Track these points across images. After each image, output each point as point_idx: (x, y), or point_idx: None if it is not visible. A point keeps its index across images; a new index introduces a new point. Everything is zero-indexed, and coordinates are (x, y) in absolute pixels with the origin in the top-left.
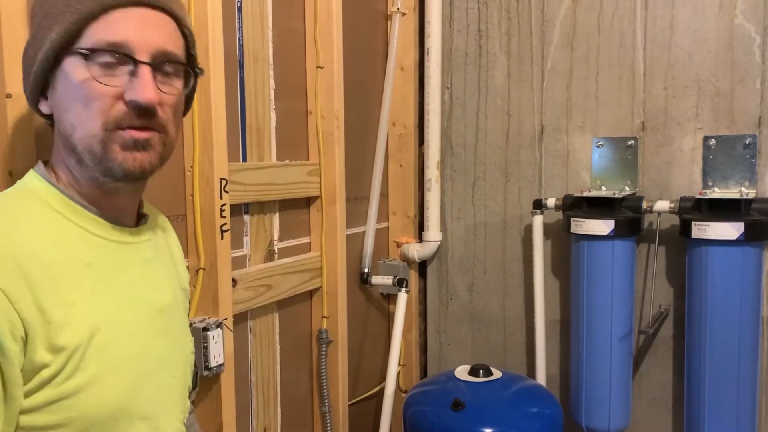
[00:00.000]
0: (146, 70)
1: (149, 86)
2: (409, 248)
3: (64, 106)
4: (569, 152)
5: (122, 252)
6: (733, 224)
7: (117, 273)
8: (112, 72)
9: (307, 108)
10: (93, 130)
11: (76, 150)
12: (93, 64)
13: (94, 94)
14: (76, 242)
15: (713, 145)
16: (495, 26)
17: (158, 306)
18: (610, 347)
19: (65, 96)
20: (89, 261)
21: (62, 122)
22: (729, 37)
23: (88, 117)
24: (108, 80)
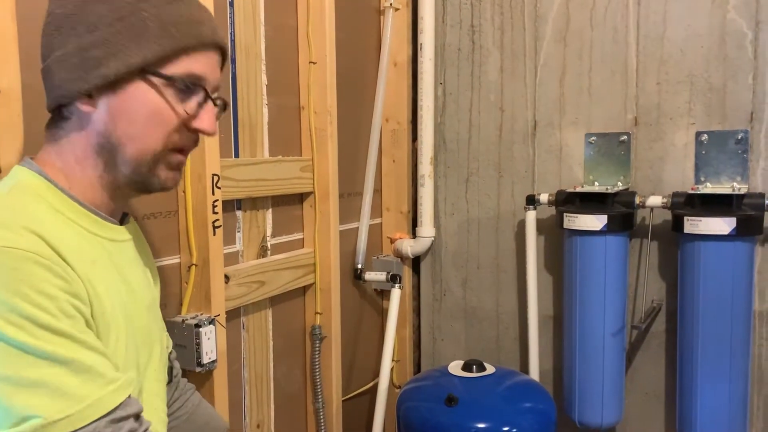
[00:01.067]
0: (212, 105)
1: (214, 120)
2: (402, 244)
3: (131, 117)
4: (562, 148)
5: (113, 250)
6: (725, 219)
7: (112, 271)
8: (185, 100)
9: (300, 103)
10: (153, 147)
11: (118, 157)
12: (172, 89)
13: (170, 118)
14: (79, 241)
15: (705, 141)
16: (488, 21)
17: (145, 302)
18: (602, 342)
19: (136, 109)
20: (93, 258)
21: (117, 129)
22: (721, 32)
23: (153, 135)
24: (183, 108)
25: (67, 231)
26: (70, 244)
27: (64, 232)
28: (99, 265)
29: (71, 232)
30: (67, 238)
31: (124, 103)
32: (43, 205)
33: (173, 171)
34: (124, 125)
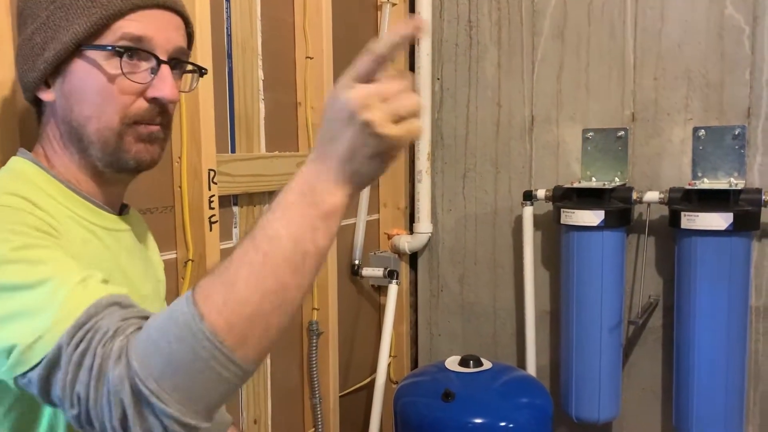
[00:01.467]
0: (167, 69)
1: (171, 85)
2: (399, 240)
3: (80, 97)
4: (559, 143)
5: (109, 238)
6: (722, 215)
7: (106, 258)
8: (134, 68)
9: (297, 99)
10: (111, 123)
11: (84, 140)
12: (116, 59)
13: (119, 90)
14: (71, 225)
15: (703, 136)
16: (485, 17)
17: (142, 293)
18: (599, 338)
19: (82, 88)
20: (84, 238)
21: (73, 112)
22: (719, 27)
23: (109, 110)
24: (133, 77)
25: (57, 217)
26: (60, 219)
27: (54, 209)
28: (91, 246)
29: (63, 218)
30: (57, 215)
31: (72, 84)
32: (35, 189)
33: (144, 143)
34: (78, 106)
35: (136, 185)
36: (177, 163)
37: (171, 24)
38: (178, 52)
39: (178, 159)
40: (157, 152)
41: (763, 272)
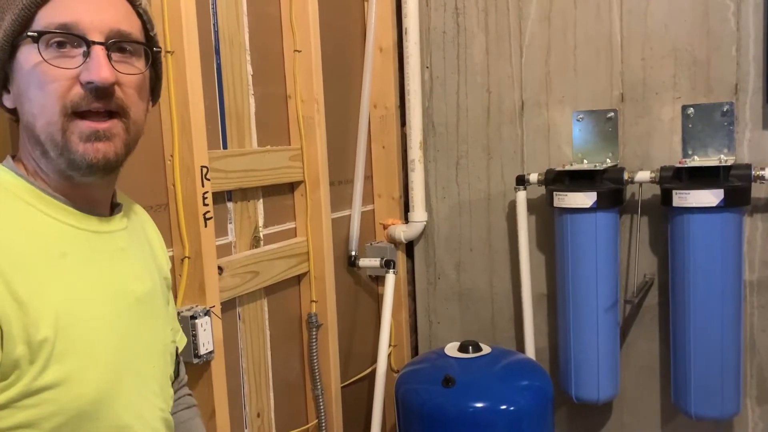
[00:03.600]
0: (99, 50)
1: (104, 66)
2: (395, 230)
3: (24, 95)
4: (550, 127)
5: (97, 241)
6: (712, 191)
7: (92, 263)
8: (65, 54)
9: (287, 92)
10: (52, 117)
11: (39, 141)
12: (45, 48)
13: (48, 78)
14: (49, 233)
15: (692, 114)
16: (472, 3)
17: (136, 295)
18: (596, 318)
19: (23, 85)
20: (64, 251)
21: (24, 113)
22: (704, 5)
23: (47, 103)
24: (61, 62)
25: (34, 225)
26: (26, 246)
27: (28, 227)
28: (71, 257)
29: (41, 226)
30: (22, 240)
31: (18, 84)
32: (10, 200)
33: (92, 142)
34: (27, 104)
35: (128, 184)
36: (169, 161)
37: (104, 3)
38: (117, 32)
39: (170, 157)
40: (113, 150)
41: (755, 247)
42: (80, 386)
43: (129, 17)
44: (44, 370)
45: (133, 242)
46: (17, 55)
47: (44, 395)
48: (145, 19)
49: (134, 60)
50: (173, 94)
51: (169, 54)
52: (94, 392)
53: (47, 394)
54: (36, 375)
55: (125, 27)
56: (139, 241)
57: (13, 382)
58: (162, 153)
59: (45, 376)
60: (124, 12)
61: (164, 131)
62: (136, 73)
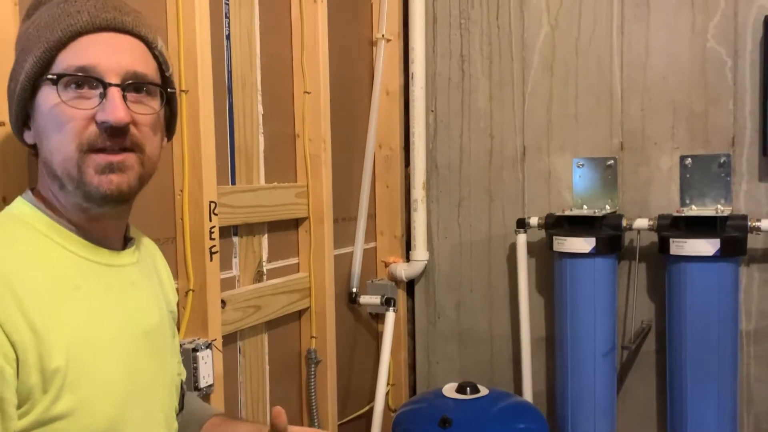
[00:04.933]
0: (115, 92)
1: (119, 107)
2: (396, 268)
3: (43, 133)
4: (551, 172)
5: (109, 274)
6: (709, 241)
7: (104, 295)
8: (82, 96)
9: (295, 131)
10: (68, 153)
11: (56, 176)
12: (63, 89)
13: (65, 118)
14: (65, 265)
15: (689, 164)
16: (477, 51)
17: (145, 328)
18: (593, 363)
19: (42, 124)
20: (78, 284)
21: (43, 150)
22: (702, 60)
23: (64, 141)
24: (78, 103)
25: (50, 257)
26: (43, 277)
27: (45, 259)
28: (85, 290)
29: (57, 257)
30: (39, 270)
31: (38, 122)
32: (28, 232)
33: (106, 174)
34: (45, 142)
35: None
36: (179, 196)
37: (122, 46)
38: (133, 74)
39: (180, 191)
40: (127, 182)
41: (752, 297)
42: (91, 416)
43: (145, 59)
44: (57, 400)
45: (144, 276)
46: (38, 95)
47: (56, 425)
48: (161, 60)
49: (149, 99)
50: (186, 131)
51: (184, 93)
52: (104, 422)
53: (59, 424)
54: (49, 405)
55: (141, 68)
56: (149, 274)
57: (26, 411)
58: (172, 187)
59: (57, 406)
60: (140, 54)
61: (175, 166)
62: (150, 113)
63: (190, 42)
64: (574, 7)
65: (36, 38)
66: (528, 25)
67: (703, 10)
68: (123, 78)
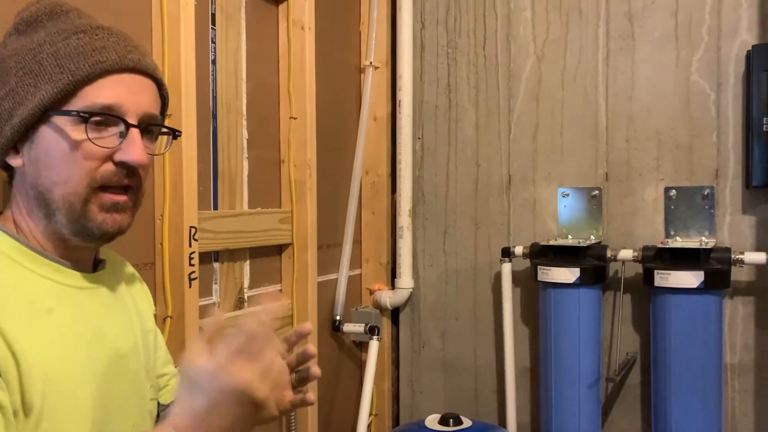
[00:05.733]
0: (136, 133)
1: (140, 148)
2: (381, 295)
3: (47, 163)
4: (536, 201)
5: (82, 297)
6: (693, 273)
7: (78, 318)
8: (102, 133)
9: (280, 157)
10: (77, 188)
11: (50, 206)
12: (86, 125)
13: (85, 155)
14: (36, 288)
15: (674, 196)
16: (464, 80)
17: (119, 352)
18: (578, 395)
19: (50, 153)
20: (50, 306)
21: (40, 178)
22: (686, 93)
23: (74, 174)
24: (100, 142)
25: (20, 282)
26: (15, 301)
27: (15, 283)
28: (57, 313)
29: (27, 282)
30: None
31: (39, 150)
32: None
33: (110, 213)
34: (46, 172)
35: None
36: (159, 221)
37: (142, 88)
38: (149, 116)
39: (160, 216)
40: (125, 221)
41: (736, 330)
42: None
43: (156, 100)
44: (37, 426)
45: (117, 298)
46: (49, 124)
47: None
48: (165, 102)
49: (155, 139)
50: (167, 155)
51: (167, 117)
52: None
53: None
54: (32, 430)
55: (154, 110)
56: (122, 296)
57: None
58: (152, 211)
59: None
60: (153, 95)
61: (156, 190)
62: (156, 154)
63: (174, 66)
64: (560, 39)
65: (55, 67)
66: (515, 55)
67: (686, 44)
68: (140, 119)
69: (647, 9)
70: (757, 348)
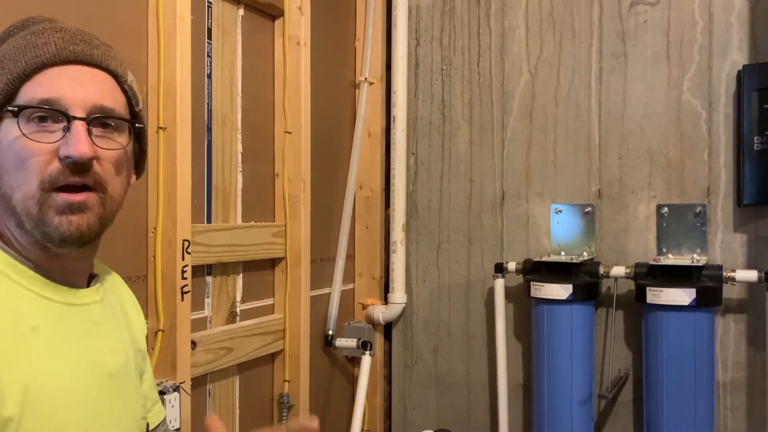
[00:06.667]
0: (79, 125)
1: (82, 141)
2: (374, 310)
3: (3, 168)
4: (529, 218)
5: (70, 314)
6: (685, 290)
7: (64, 336)
8: (45, 129)
9: (275, 171)
10: (30, 191)
11: (15, 212)
12: (25, 122)
13: (27, 152)
14: (21, 305)
15: (666, 213)
16: (458, 97)
17: (108, 370)
18: (570, 412)
19: (2, 158)
20: (35, 324)
21: (2, 185)
22: (678, 111)
23: (26, 177)
24: (41, 137)
25: (6, 298)
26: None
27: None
28: (43, 331)
29: (13, 297)
30: None
31: (0, 155)
32: None
33: (66, 215)
34: (6, 178)
35: (109, 253)
36: (152, 233)
37: (89, 79)
38: (100, 108)
39: (153, 229)
40: (87, 223)
41: (727, 347)
42: None
43: (113, 93)
44: None
45: (108, 314)
46: (1, 127)
47: None
48: (130, 95)
49: (116, 135)
50: (161, 169)
51: (162, 130)
52: None
53: None
54: None
55: (108, 103)
56: (114, 312)
57: None
58: (145, 224)
59: None
60: (108, 88)
61: (149, 204)
62: (116, 148)
63: (170, 79)
64: (554, 57)
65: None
66: (508, 73)
67: (678, 64)
68: (89, 112)
69: (639, 28)
70: (748, 365)
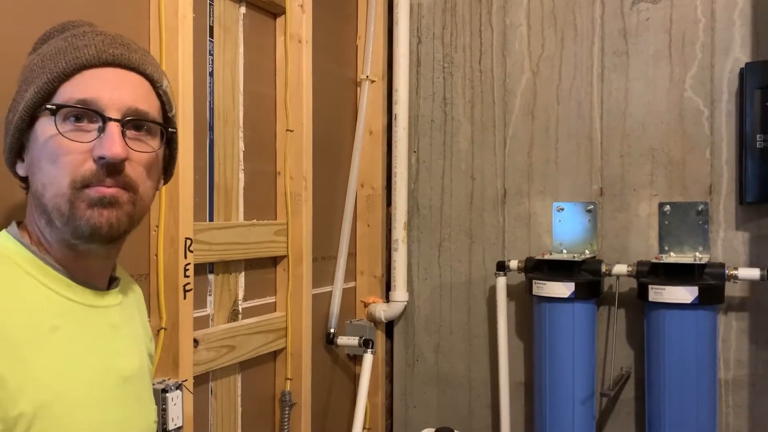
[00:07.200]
0: (114, 127)
1: (116, 142)
2: (376, 308)
3: (37, 165)
4: (531, 216)
5: (90, 316)
6: (687, 288)
7: (83, 338)
8: (81, 129)
9: (276, 169)
10: (62, 189)
11: (46, 210)
12: (62, 121)
13: (61, 150)
14: (42, 305)
15: (668, 212)
16: (459, 95)
17: (123, 373)
18: (572, 410)
19: (37, 155)
20: (55, 325)
21: (34, 182)
22: (679, 109)
23: (58, 175)
24: (76, 136)
25: (28, 297)
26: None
27: (22, 299)
28: (62, 332)
29: (35, 297)
30: (11, 312)
31: (32, 154)
32: (8, 268)
33: (97, 208)
34: (38, 175)
35: None
36: (154, 232)
37: (124, 82)
38: (135, 111)
39: (155, 227)
40: (116, 216)
41: (730, 345)
42: None
43: (148, 97)
44: None
45: (126, 318)
46: (35, 126)
47: None
48: (164, 100)
49: (149, 139)
50: None
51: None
52: None
53: None
54: None
55: (143, 106)
56: (131, 317)
57: None
58: (148, 222)
59: None
60: (143, 92)
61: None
62: (148, 151)
63: (171, 77)
64: (556, 55)
65: (39, 69)
66: (510, 70)
67: (680, 62)
68: (124, 114)
69: (641, 26)
70: (751, 363)
